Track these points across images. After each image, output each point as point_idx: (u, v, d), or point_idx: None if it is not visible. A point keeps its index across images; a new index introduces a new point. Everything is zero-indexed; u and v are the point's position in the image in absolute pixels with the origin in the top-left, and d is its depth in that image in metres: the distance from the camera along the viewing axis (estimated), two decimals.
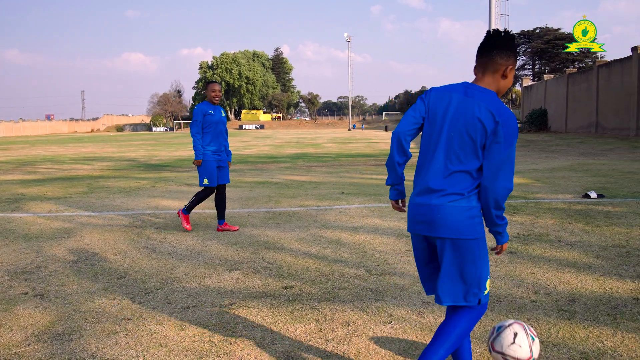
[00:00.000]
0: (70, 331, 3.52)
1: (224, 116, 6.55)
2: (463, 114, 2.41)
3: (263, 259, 5.19)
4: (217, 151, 6.43)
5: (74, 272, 4.86)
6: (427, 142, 2.52)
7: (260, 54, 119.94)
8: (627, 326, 3.44)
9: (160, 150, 28.74)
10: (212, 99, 6.36)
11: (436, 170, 2.45)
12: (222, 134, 6.50)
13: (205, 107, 6.33)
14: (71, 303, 4.06)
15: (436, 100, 2.50)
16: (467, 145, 2.39)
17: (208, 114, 6.31)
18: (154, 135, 72.38)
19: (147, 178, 13.25)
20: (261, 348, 3.23)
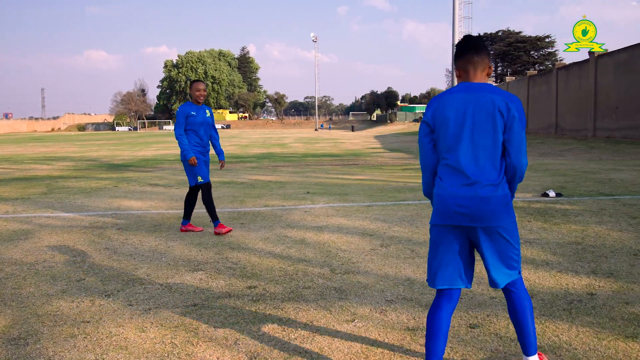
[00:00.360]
0: (27, 335, 3.43)
1: (210, 116, 6.34)
2: (483, 110, 2.55)
3: (227, 259, 5.16)
4: (203, 151, 6.29)
5: (31, 275, 4.73)
6: (448, 141, 2.61)
7: (226, 53, 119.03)
8: (582, 320, 3.55)
9: (124, 150, 28.22)
10: (197, 99, 6.16)
11: (468, 164, 2.56)
12: (208, 135, 6.32)
13: (188, 108, 6.13)
14: (28, 306, 3.95)
15: (442, 107, 2.63)
16: (490, 137, 2.55)
17: (190, 116, 6.12)
18: (117, 134, 70.99)
19: (109, 178, 13.00)
20: (224, 348, 3.21)
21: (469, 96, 2.59)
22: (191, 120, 6.13)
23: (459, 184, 2.57)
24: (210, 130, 6.40)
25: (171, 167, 16.76)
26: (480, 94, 2.58)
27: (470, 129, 2.57)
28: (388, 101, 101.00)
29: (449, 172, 2.61)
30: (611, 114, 27.67)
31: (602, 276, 4.46)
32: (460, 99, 2.60)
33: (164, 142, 39.30)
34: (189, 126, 6.15)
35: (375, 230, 6.33)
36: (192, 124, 6.15)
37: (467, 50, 2.68)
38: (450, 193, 2.58)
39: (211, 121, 6.39)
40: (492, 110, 2.54)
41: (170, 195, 9.65)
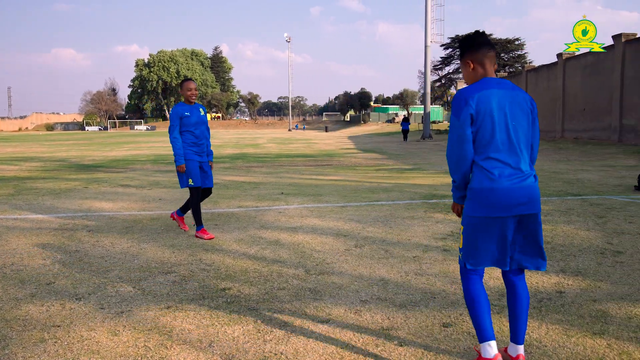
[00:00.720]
0: None
1: (204, 115, 6.17)
2: (518, 106, 2.76)
3: (201, 261, 5.12)
4: (200, 152, 6.14)
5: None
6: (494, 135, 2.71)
7: (199, 52, 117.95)
8: (552, 318, 3.63)
9: (94, 151, 27.73)
10: (189, 98, 6.01)
11: (515, 157, 2.74)
12: (204, 134, 6.17)
13: (181, 109, 5.97)
14: None
15: (485, 101, 2.71)
16: (526, 132, 2.79)
17: (184, 116, 5.96)
18: (87, 134, 69.73)
19: (79, 179, 12.76)
20: (198, 351, 3.19)
21: (507, 92, 2.75)
22: (186, 121, 5.98)
23: (513, 177, 2.71)
24: (207, 129, 6.27)
25: (143, 167, 16.54)
26: (515, 91, 2.78)
27: (512, 125, 2.73)
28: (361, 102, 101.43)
29: (498, 165, 2.72)
30: (579, 115, 28.33)
31: (570, 274, 4.57)
32: (501, 95, 2.73)
33: (135, 143, 38.78)
34: (184, 127, 6.01)
35: (349, 230, 6.36)
36: (187, 124, 5.99)
37: (484, 44, 2.84)
38: (506, 187, 2.70)
39: (206, 119, 6.22)
40: (526, 108, 2.78)
41: (143, 196, 9.53)
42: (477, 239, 2.78)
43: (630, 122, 23.58)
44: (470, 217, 2.79)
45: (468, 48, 2.89)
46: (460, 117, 2.73)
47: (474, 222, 2.77)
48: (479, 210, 2.74)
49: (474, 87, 2.77)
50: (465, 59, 2.90)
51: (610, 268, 4.74)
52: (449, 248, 5.48)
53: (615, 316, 3.64)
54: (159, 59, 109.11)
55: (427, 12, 36.23)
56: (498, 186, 2.70)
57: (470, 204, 2.78)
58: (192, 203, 6.13)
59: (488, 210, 2.71)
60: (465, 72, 2.94)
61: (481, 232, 2.76)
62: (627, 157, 17.51)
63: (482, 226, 2.75)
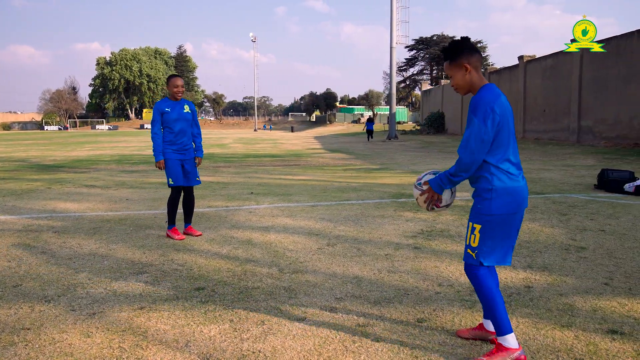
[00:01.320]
0: None
1: (188, 112, 5.97)
2: (510, 110, 2.98)
3: (172, 261, 5.06)
4: (180, 150, 5.95)
5: None
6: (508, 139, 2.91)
7: (162, 51, 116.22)
8: (521, 312, 3.73)
9: (55, 150, 27.01)
10: (174, 95, 5.86)
11: (518, 159, 2.99)
12: (185, 131, 5.95)
13: (163, 105, 5.84)
14: None
15: (504, 106, 2.90)
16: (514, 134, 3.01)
17: (165, 112, 5.82)
18: (46, 134, 67.82)
19: (41, 179, 12.42)
20: (175, 351, 3.16)
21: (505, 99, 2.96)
22: (166, 117, 5.84)
23: (522, 176, 2.98)
24: (190, 127, 6.05)
25: (107, 167, 16.21)
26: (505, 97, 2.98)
27: (512, 129, 2.95)
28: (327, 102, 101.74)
29: (513, 167, 2.93)
30: (539, 116, 29.11)
31: (537, 270, 4.71)
32: (506, 101, 2.95)
33: (98, 142, 37.96)
34: (164, 123, 5.88)
35: (320, 229, 6.39)
36: (166, 121, 5.85)
37: (477, 50, 2.98)
38: (523, 185, 2.95)
39: (190, 117, 6.01)
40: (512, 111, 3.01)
41: (109, 196, 9.34)
42: (497, 236, 2.92)
43: (588, 123, 24.37)
44: (493, 216, 2.88)
45: (468, 50, 2.95)
46: (487, 124, 2.81)
47: (497, 220, 2.89)
48: (503, 207, 2.88)
49: (494, 93, 2.88)
50: (461, 62, 2.95)
51: (575, 263, 4.90)
52: (420, 246, 5.57)
53: (582, 309, 3.78)
54: (121, 57, 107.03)
55: (392, 13, 36.60)
56: (518, 185, 2.91)
57: (494, 203, 2.87)
58: (169, 200, 6.04)
59: (511, 207, 2.89)
60: (459, 75, 2.98)
61: (502, 228, 2.91)
62: (586, 157, 18.10)
63: (504, 223, 2.91)
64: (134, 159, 20.05)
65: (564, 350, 3.13)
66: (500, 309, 2.91)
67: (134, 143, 36.30)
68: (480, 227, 2.91)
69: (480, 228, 2.91)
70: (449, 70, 3.02)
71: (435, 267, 4.82)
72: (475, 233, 2.93)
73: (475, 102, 2.88)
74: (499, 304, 2.91)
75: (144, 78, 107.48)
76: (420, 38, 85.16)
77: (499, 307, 2.91)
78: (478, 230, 2.92)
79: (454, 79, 3.01)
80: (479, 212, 2.92)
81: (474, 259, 2.95)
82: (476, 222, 2.93)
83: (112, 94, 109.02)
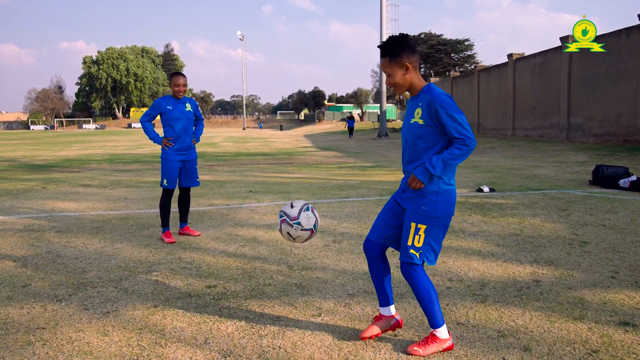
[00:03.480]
0: None
1: (190, 110, 5.86)
2: None
3: (180, 260, 5.06)
4: (180, 150, 5.80)
5: None
6: None
7: (149, 50, 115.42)
8: (533, 305, 3.78)
9: (43, 150, 26.75)
10: (176, 94, 5.73)
11: None
12: (187, 130, 5.83)
13: (164, 102, 5.73)
14: None
15: None
16: None
17: (166, 110, 5.71)
18: (33, 133, 67.10)
19: (34, 179, 12.30)
20: (195, 348, 3.16)
21: None
22: (167, 115, 5.73)
23: None
24: (191, 125, 5.93)
25: (99, 167, 16.10)
26: None
27: None
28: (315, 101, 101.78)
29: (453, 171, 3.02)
30: (528, 114, 29.35)
31: (543, 264, 4.77)
32: None
33: (86, 142, 37.63)
34: (165, 121, 5.78)
35: (325, 227, 6.41)
36: (168, 119, 5.75)
37: (417, 50, 2.95)
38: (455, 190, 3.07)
39: (192, 115, 5.91)
40: None
41: (107, 196, 9.29)
42: (440, 237, 3.01)
43: (577, 120, 24.62)
44: (438, 218, 2.95)
45: (409, 49, 2.89)
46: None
47: (441, 222, 2.97)
48: (446, 210, 2.97)
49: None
50: (402, 60, 2.89)
51: (580, 257, 4.97)
52: None
53: (592, 302, 3.83)
54: (107, 56, 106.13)
55: (382, 11, 36.68)
56: (454, 189, 3.03)
57: (439, 205, 2.93)
58: (160, 201, 5.91)
59: (451, 209, 3.00)
60: (399, 74, 2.93)
61: (443, 229, 3.01)
62: (577, 154, 18.28)
63: (445, 224, 3.01)
64: (125, 158, 19.93)
65: (579, 342, 3.18)
66: (436, 304, 3.04)
67: (122, 142, 36.03)
68: (425, 227, 2.94)
69: (426, 228, 2.94)
70: (388, 67, 2.94)
71: (442, 262, 4.86)
72: (420, 233, 2.95)
73: (440, 101, 2.84)
74: (435, 299, 3.04)
75: (131, 77, 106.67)
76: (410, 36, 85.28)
77: (435, 302, 3.03)
78: (423, 230, 2.95)
79: (392, 77, 2.95)
80: (426, 213, 2.93)
81: (417, 258, 2.97)
82: (421, 222, 2.94)
83: (99, 93, 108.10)
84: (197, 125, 6.12)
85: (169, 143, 5.77)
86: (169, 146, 5.78)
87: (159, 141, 5.80)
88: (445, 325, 3.07)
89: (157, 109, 5.78)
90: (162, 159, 5.86)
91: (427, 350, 3.02)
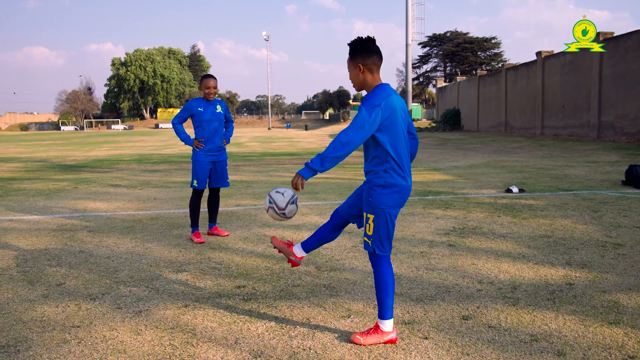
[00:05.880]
0: (16, 342, 3.30)
1: (220, 112, 5.92)
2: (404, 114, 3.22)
3: (210, 260, 5.11)
4: (211, 150, 5.88)
5: (6, 280, 4.54)
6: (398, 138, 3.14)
7: (176, 51, 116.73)
8: (566, 309, 3.72)
9: (74, 150, 27.30)
10: (207, 96, 5.78)
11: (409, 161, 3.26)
12: (218, 131, 5.90)
13: (195, 104, 5.80)
14: (10, 313, 3.80)
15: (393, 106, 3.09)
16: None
17: (197, 112, 5.78)
18: (63, 134, 68.55)
19: (66, 179, 12.57)
20: (226, 348, 3.19)
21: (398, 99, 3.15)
22: (198, 117, 5.79)
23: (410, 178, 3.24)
24: (222, 126, 5.98)
25: (129, 167, 16.36)
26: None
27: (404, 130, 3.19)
28: (340, 100, 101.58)
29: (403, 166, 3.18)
30: (557, 112, 28.84)
31: (576, 267, 4.68)
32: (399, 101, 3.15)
33: (115, 142, 38.26)
34: (196, 123, 5.84)
35: (352, 227, 6.38)
36: (199, 120, 5.81)
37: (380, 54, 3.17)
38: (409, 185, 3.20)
39: (222, 117, 5.95)
40: None
41: (136, 196, 9.44)
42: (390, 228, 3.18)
43: (609, 119, 24.09)
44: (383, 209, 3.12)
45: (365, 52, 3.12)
46: (371, 116, 2.99)
47: (386, 213, 3.14)
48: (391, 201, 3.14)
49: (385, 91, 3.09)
50: (356, 61, 3.13)
51: (614, 260, 4.86)
52: (454, 243, 5.56)
53: (627, 306, 3.75)
54: (135, 57, 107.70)
55: (407, 10, 36.43)
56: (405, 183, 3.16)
57: (384, 196, 3.12)
58: (190, 202, 5.98)
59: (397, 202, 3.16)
60: (354, 73, 3.18)
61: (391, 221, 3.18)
62: (608, 153, 17.89)
63: (392, 216, 3.17)
64: (153, 159, 20.21)
65: (615, 347, 3.11)
66: (390, 295, 3.18)
67: (150, 142, 36.52)
68: (373, 217, 3.14)
69: (373, 218, 3.14)
70: (348, 64, 3.20)
71: (472, 264, 4.81)
72: (370, 222, 3.16)
73: (366, 97, 3.11)
74: (389, 292, 3.18)
75: (157, 78, 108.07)
76: (434, 35, 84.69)
77: (390, 294, 3.18)
78: (372, 220, 3.15)
79: (350, 74, 3.21)
80: (372, 204, 3.14)
81: (369, 246, 3.19)
82: (369, 212, 3.15)
83: (127, 94, 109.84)
84: (227, 127, 6.19)
85: (200, 144, 5.84)
86: (200, 147, 5.84)
87: (190, 142, 5.87)
88: (392, 320, 3.20)
89: (189, 111, 5.83)
90: (192, 160, 5.92)
91: (367, 339, 3.19)
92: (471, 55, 79.17)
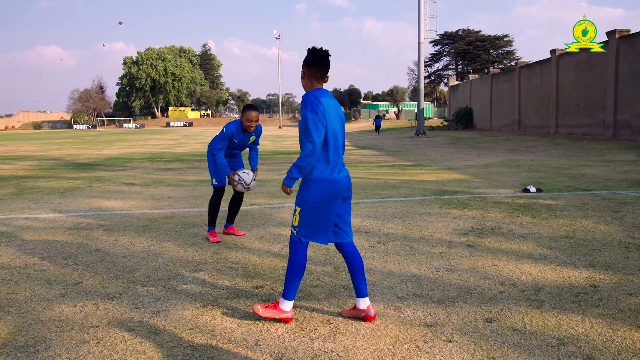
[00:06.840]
0: (35, 342, 3.28)
1: (253, 141, 5.80)
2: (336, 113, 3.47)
3: (226, 259, 5.06)
4: (232, 163, 5.87)
5: (24, 279, 4.53)
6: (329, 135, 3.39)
7: (187, 49, 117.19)
8: (592, 312, 3.63)
9: (86, 149, 27.45)
10: (247, 129, 5.54)
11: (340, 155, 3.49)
12: (242, 148, 5.84)
13: (235, 133, 5.55)
14: (28, 312, 3.78)
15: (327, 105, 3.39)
16: None
17: (232, 140, 5.63)
18: (75, 133, 69.06)
19: (80, 178, 12.61)
20: (246, 350, 3.14)
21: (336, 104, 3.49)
22: (231, 144, 5.67)
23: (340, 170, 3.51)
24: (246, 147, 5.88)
25: (141, 165, 16.40)
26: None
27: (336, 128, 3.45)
28: (351, 99, 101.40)
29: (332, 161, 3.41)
30: (572, 111, 28.53)
31: (600, 269, 4.58)
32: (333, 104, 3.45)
33: (127, 141, 38.46)
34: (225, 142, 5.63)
35: (369, 227, 6.33)
36: (230, 146, 5.71)
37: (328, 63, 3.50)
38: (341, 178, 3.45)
39: (249, 141, 5.77)
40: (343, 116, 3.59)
41: (151, 194, 9.43)
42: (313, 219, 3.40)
43: (625, 117, 23.79)
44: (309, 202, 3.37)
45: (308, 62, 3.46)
46: (318, 113, 3.29)
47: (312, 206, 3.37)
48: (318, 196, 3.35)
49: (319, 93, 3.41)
50: (302, 68, 3.50)
51: (638, 262, 4.75)
52: (473, 244, 5.47)
53: None
54: (147, 56, 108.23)
55: (420, 8, 36.24)
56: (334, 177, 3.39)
57: (311, 191, 3.36)
58: (211, 200, 5.93)
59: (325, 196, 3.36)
60: (301, 76, 3.54)
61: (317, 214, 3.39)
62: (625, 152, 17.65)
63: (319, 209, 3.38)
64: (165, 157, 20.26)
65: None
66: (297, 280, 3.48)
67: (162, 141, 36.68)
68: (300, 209, 3.41)
69: (300, 210, 3.41)
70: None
71: (493, 265, 4.72)
72: (297, 214, 3.44)
73: (303, 99, 3.41)
74: (296, 276, 3.47)
75: (169, 77, 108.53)
76: (445, 33, 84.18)
77: (296, 278, 3.47)
78: (298, 212, 3.42)
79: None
80: (299, 197, 3.43)
81: (295, 235, 3.47)
82: (297, 205, 3.44)
83: (139, 92, 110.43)
84: (252, 149, 5.91)
85: (234, 179, 5.54)
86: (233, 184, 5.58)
87: (228, 173, 5.58)
88: (292, 302, 3.50)
89: (228, 139, 5.59)
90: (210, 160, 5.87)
91: (265, 312, 3.50)
92: (483, 54, 78.60)
